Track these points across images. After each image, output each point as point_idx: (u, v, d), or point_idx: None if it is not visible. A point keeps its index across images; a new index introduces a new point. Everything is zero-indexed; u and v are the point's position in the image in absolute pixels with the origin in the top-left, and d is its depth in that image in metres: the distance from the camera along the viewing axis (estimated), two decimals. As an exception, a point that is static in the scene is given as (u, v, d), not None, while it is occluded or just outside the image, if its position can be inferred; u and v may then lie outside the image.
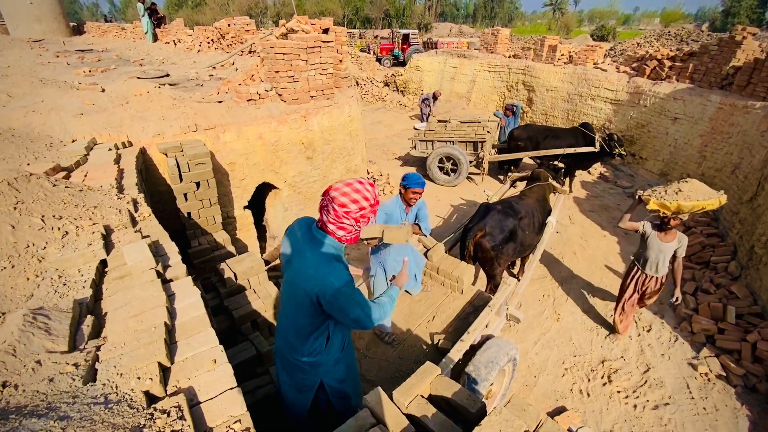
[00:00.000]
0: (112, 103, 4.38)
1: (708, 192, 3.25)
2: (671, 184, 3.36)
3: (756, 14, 31.78)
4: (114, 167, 3.18)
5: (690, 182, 3.32)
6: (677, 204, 3.19)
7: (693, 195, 3.20)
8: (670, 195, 3.26)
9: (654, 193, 3.40)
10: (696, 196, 3.20)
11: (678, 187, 3.29)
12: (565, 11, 52.77)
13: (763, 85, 6.50)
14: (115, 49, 9.52)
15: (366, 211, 1.58)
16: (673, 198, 3.21)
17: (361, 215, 1.57)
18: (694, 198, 3.18)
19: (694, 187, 3.27)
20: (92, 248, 1.99)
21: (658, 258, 3.72)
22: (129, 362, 1.40)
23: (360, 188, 1.55)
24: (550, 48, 11.18)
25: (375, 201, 1.60)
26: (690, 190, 3.24)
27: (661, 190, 3.37)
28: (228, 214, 4.71)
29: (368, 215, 1.61)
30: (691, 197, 3.20)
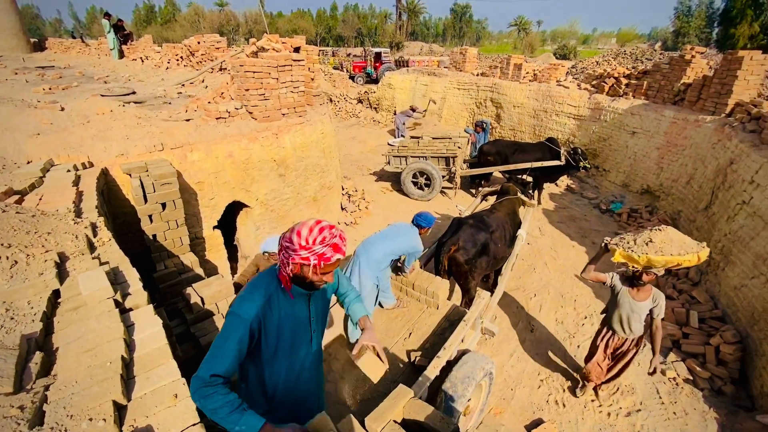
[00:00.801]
0: (72, 122, 4.21)
1: (685, 244, 2.73)
2: (642, 233, 2.87)
3: (704, 34, 34.34)
4: (72, 189, 3.04)
5: (664, 231, 2.80)
6: (647, 258, 2.69)
7: (666, 248, 2.69)
8: (639, 246, 2.75)
9: (621, 242, 2.89)
10: (670, 249, 2.69)
11: (649, 236, 2.78)
12: (529, 31, 55.45)
13: (712, 100, 6.98)
14: (78, 66, 9.21)
15: (290, 248, 1.41)
16: (643, 250, 2.71)
17: (285, 247, 1.43)
18: (667, 251, 2.68)
19: (669, 238, 2.75)
20: (44, 278, 1.87)
21: (631, 318, 3.21)
22: (80, 402, 1.30)
23: (307, 224, 1.44)
24: (515, 66, 11.65)
25: (305, 245, 1.39)
26: (663, 242, 2.73)
27: (630, 239, 2.87)
28: (196, 234, 4.57)
29: (291, 253, 1.41)
30: (664, 250, 2.68)
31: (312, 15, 56.61)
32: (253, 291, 1.49)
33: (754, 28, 23.20)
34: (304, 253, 1.39)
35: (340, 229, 1.48)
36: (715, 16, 32.73)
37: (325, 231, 1.42)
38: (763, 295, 4.10)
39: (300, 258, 1.40)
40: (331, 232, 1.43)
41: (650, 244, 2.72)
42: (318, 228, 1.42)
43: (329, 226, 1.45)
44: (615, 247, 2.88)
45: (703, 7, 36.06)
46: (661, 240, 2.72)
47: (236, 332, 1.40)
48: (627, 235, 2.93)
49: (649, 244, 2.73)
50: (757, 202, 4.66)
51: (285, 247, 1.43)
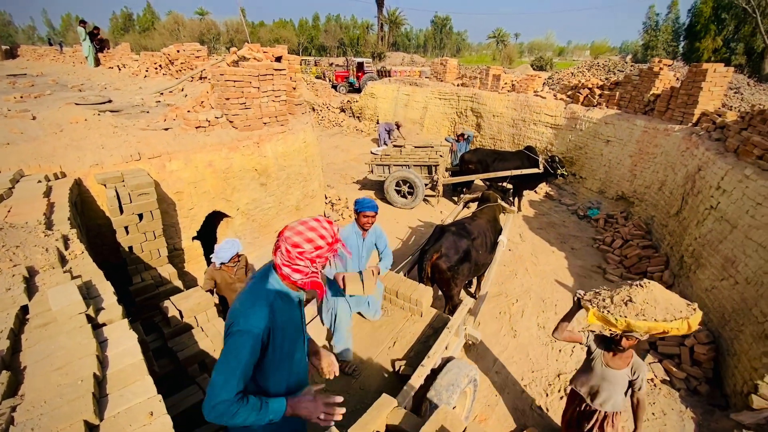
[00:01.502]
0: (44, 131, 4.08)
1: (671, 306, 2.22)
2: (621, 287, 2.36)
3: (671, 47, 35.96)
4: (43, 201, 2.93)
5: (647, 288, 2.27)
6: (626, 322, 2.20)
7: (649, 310, 2.19)
8: (617, 307, 2.25)
9: (596, 298, 2.37)
10: (654, 312, 2.19)
11: (629, 293, 2.27)
12: (507, 43, 56.93)
13: (680, 110, 7.31)
14: (52, 74, 8.96)
15: (323, 251, 1.45)
16: (621, 312, 2.21)
17: (317, 255, 1.44)
18: (650, 315, 2.18)
19: (652, 297, 2.23)
20: (11, 293, 1.79)
21: (601, 388, 2.69)
22: (49, 423, 1.25)
23: (316, 226, 1.45)
24: (494, 77, 11.94)
25: (333, 239, 1.47)
26: (646, 302, 2.21)
27: (607, 295, 2.35)
28: (175, 246, 4.46)
29: (325, 255, 1.46)
30: (647, 313, 2.19)
31: (294, 25, 56.73)
32: (254, 302, 1.44)
33: (717, 42, 24.50)
34: (336, 246, 1.49)
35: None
36: (680, 31, 34.39)
37: (331, 222, 1.53)
38: (732, 296, 4.27)
39: (333, 252, 1.49)
40: (332, 225, 1.53)
41: (630, 305, 2.20)
42: (326, 222, 1.50)
43: (328, 220, 1.54)
44: (588, 304, 2.34)
45: (670, 22, 37.85)
46: (643, 300, 2.20)
47: (247, 348, 1.38)
48: (603, 290, 2.40)
49: (628, 304, 2.21)
50: (724, 207, 4.87)
51: (315, 254, 1.44)
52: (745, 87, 12.42)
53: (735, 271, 4.34)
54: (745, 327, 3.91)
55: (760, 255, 4.08)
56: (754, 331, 3.76)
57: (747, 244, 4.31)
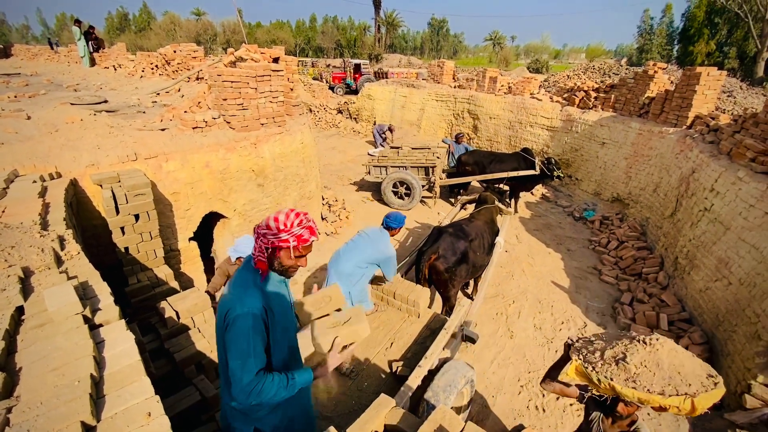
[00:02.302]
0: (39, 131, 4.05)
1: (679, 375, 1.67)
2: (619, 342, 1.84)
3: (665, 51, 36.32)
4: (38, 201, 2.91)
5: (652, 347, 1.75)
6: (610, 385, 1.72)
7: (644, 377, 1.68)
8: (605, 364, 1.77)
9: (587, 348, 1.90)
10: (649, 380, 1.67)
11: (625, 349, 1.77)
12: (503, 46, 57.26)
13: (674, 113, 7.38)
14: (47, 74, 8.89)
15: (269, 233, 1.49)
16: (608, 372, 1.74)
17: (264, 233, 1.51)
18: (643, 383, 1.67)
19: (654, 360, 1.71)
20: (6, 294, 1.78)
21: None
22: (46, 424, 1.24)
23: (282, 211, 1.55)
24: (491, 79, 12.00)
25: (284, 228, 1.49)
26: (643, 365, 1.71)
27: (599, 346, 1.87)
28: (171, 246, 4.44)
29: (270, 237, 1.50)
30: (639, 381, 1.67)
31: (291, 26, 56.73)
32: (245, 288, 1.52)
33: (710, 45, 24.78)
34: (284, 236, 1.49)
35: (311, 217, 1.58)
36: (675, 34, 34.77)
37: (300, 215, 1.54)
38: (726, 297, 4.31)
39: (280, 241, 1.49)
40: (305, 216, 1.55)
41: (621, 365, 1.72)
42: (294, 213, 1.54)
43: (303, 212, 1.57)
44: (575, 355, 1.89)
45: (664, 25, 38.24)
46: (641, 361, 1.71)
47: (252, 327, 1.46)
48: (598, 340, 1.94)
49: (619, 363, 1.73)
50: (718, 209, 4.92)
51: (262, 234, 1.51)
52: (737, 90, 12.56)
53: (728, 272, 4.39)
54: (739, 327, 3.95)
55: (752, 256, 4.13)
56: (747, 332, 3.79)
57: (740, 245, 4.36)
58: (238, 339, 1.45)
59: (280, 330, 1.63)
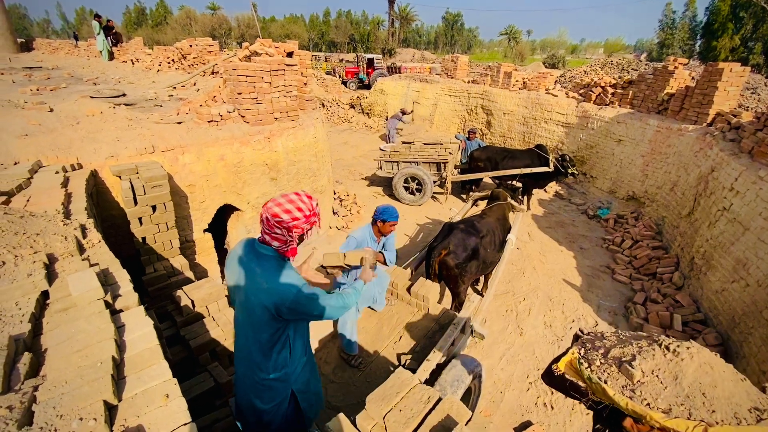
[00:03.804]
0: (61, 123, 4.17)
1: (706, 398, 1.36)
2: (632, 343, 1.59)
3: (687, 46, 35.28)
4: (61, 191, 3.01)
5: (681, 357, 1.47)
6: (600, 388, 1.49)
7: (650, 389, 1.42)
8: (604, 364, 1.53)
9: (592, 344, 1.67)
10: (654, 392, 1.40)
11: (635, 353, 1.50)
12: (519, 40, 56.38)
13: (694, 110, 7.20)
14: (67, 67, 9.11)
15: (300, 222, 1.59)
16: (602, 373, 1.49)
17: (293, 225, 1.59)
18: (645, 395, 1.41)
19: (671, 372, 1.42)
20: (32, 279, 1.85)
21: None
22: (70, 402, 1.30)
23: (294, 199, 1.59)
24: (505, 74, 11.85)
25: (310, 212, 1.61)
26: (654, 374, 1.44)
27: (609, 344, 1.61)
28: (186, 237, 4.54)
29: (302, 226, 1.61)
30: (642, 392, 1.42)
31: (305, 20, 56.80)
32: (277, 272, 1.61)
33: (734, 40, 23.98)
34: (313, 219, 1.65)
35: None
36: (697, 29, 33.72)
37: (311, 197, 1.67)
38: (743, 299, 4.22)
39: (310, 224, 1.65)
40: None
41: (624, 369, 1.47)
42: (306, 196, 1.64)
43: (304, 193, 1.68)
44: (576, 348, 1.70)
45: (687, 20, 37.12)
46: (653, 369, 1.42)
47: (309, 289, 1.62)
48: (611, 338, 1.71)
49: (623, 366, 1.48)
50: (737, 209, 4.81)
51: (292, 225, 1.59)
52: (762, 87, 12.15)
53: (746, 273, 4.29)
54: (755, 330, 3.87)
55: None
56: (764, 334, 3.72)
57: (759, 246, 4.25)
58: (311, 303, 1.60)
59: None
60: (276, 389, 1.78)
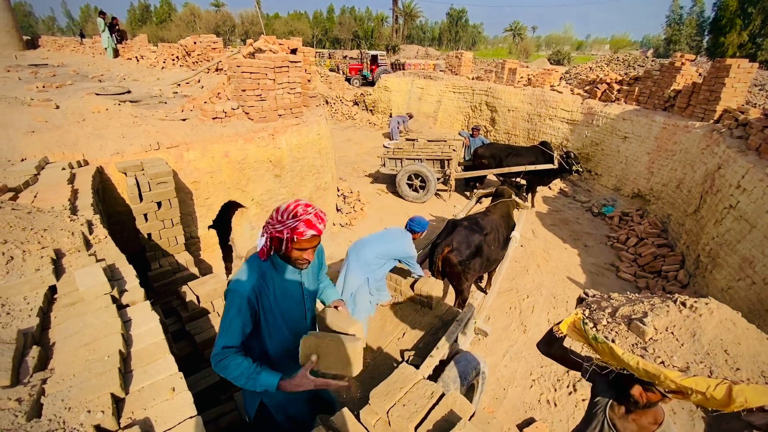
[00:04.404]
0: (67, 120, 4.20)
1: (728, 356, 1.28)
2: (643, 301, 1.48)
3: (695, 42, 34.89)
4: (67, 187, 3.03)
5: (699, 313, 1.37)
6: (607, 348, 1.33)
7: (664, 346, 1.30)
8: (611, 324, 1.39)
9: (598, 304, 1.52)
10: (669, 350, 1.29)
11: (647, 308, 1.42)
12: (524, 37, 55.99)
13: (701, 106, 7.12)
14: (72, 64, 9.15)
15: (268, 226, 1.53)
16: (611, 331, 1.37)
17: (266, 222, 1.56)
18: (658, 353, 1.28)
19: (689, 329, 1.34)
20: (40, 274, 1.88)
21: None
22: (78, 395, 1.32)
23: (287, 202, 1.56)
24: (510, 71, 11.78)
25: (279, 221, 1.50)
26: (669, 331, 1.34)
27: (617, 303, 1.50)
28: (191, 234, 4.57)
29: (270, 229, 1.52)
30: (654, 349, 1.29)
31: (309, 17, 56.68)
32: (247, 269, 1.59)
33: (742, 36, 23.69)
34: (278, 227, 1.50)
35: (318, 208, 1.55)
36: (705, 25, 33.33)
37: (299, 207, 1.51)
38: (749, 297, 4.20)
39: (275, 231, 1.51)
40: (305, 209, 1.51)
41: (634, 326, 1.34)
42: (294, 205, 1.52)
43: (305, 204, 1.54)
44: (580, 309, 1.52)
45: (694, 15, 36.70)
46: (667, 326, 1.32)
47: (235, 306, 1.51)
48: (619, 296, 1.55)
49: (633, 323, 1.35)
50: (743, 206, 4.77)
51: (266, 224, 1.56)
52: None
53: (752, 271, 4.26)
54: (762, 328, 3.84)
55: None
56: (771, 333, 3.69)
57: (766, 244, 4.22)
58: (224, 312, 1.54)
59: (278, 315, 1.65)
60: (246, 392, 1.82)
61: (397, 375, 1.78)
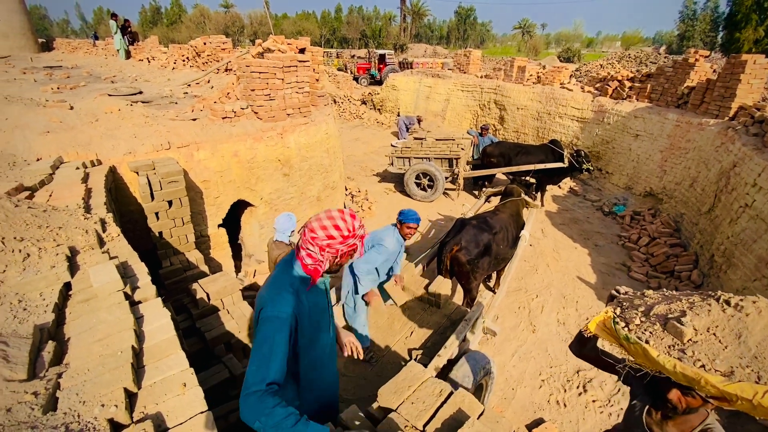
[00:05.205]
0: (81, 120, 4.28)
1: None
2: (681, 300, 1.34)
3: (709, 38, 34.19)
4: (81, 186, 3.09)
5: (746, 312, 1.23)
6: (640, 350, 1.24)
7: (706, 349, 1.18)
8: (645, 323, 1.28)
9: (630, 302, 1.40)
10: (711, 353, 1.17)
11: (686, 306, 1.29)
12: (533, 34, 55.45)
13: (716, 103, 6.98)
14: (86, 66, 9.31)
15: (335, 242, 1.45)
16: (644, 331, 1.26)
17: (327, 244, 1.45)
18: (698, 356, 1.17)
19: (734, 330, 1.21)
20: (55, 271, 1.92)
21: None
22: (92, 389, 1.34)
23: (335, 216, 1.47)
24: (519, 69, 11.68)
25: (350, 233, 1.46)
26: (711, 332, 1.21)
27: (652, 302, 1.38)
28: (201, 232, 4.62)
29: (337, 246, 1.46)
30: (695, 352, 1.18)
31: (316, 17, 56.83)
32: (280, 290, 1.46)
33: (758, 32, 23.11)
34: (352, 241, 1.48)
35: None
36: (720, 20, 32.63)
37: (346, 213, 1.51)
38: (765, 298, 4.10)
39: (349, 247, 1.49)
40: (351, 212, 1.52)
41: (671, 326, 1.22)
42: (349, 215, 1.50)
43: (342, 209, 1.54)
44: (611, 307, 1.41)
45: (708, 11, 35.98)
46: (708, 326, 1.20)
47: (281, 334, 1.37)
48: (653, 294, 1.42)
49: (669, 323, 1.23)
50: (760, 205, 4.67)
51: (326, 245, 1.45)
52: (788, 79, 11.73)
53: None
54: (778, 330, 3.76)
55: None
56: (788, 335, 3.60)
57: (783, 244, 4.12)
58: (262, 342, 1.35)
59: (309, 336, 1.57)
60: None
61: (405, 373, 1.78)
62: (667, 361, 1.15)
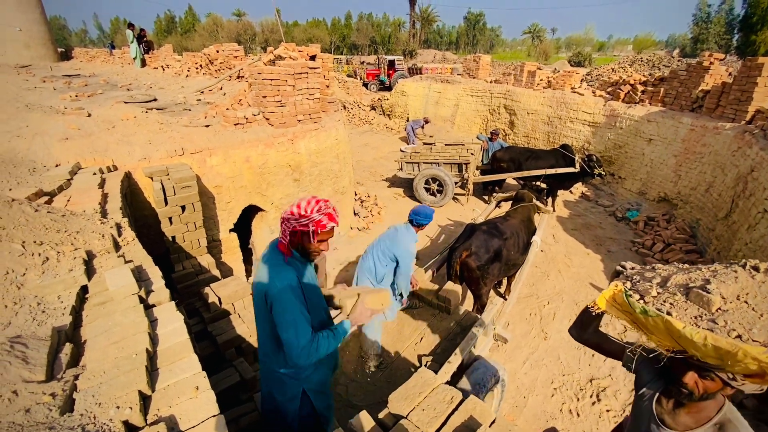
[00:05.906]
0: (98, 127, 4.38)
1: None
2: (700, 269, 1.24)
3: (723, 40, 33.66)
4: (98, 191, 3.16)
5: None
6: (661, 323, 1.08)
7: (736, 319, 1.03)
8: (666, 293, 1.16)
9: (641, 276, 1.29)
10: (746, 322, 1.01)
11: (709, 275, 1.17)
12: (543, 39, 55.25)
13: (732, 107, 6.86)
14: (103, 74, 9.56)
15: (292, 218, 1.62)
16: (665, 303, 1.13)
17: (286, 218, 1.63)
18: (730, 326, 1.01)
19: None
20: (73, 274, 1.96)
21: None
22: (108, 391, 1.37)
23: (303, 199, 1.64)
24: (529, 73, 11.64)
25: (304, 214, 1.61)
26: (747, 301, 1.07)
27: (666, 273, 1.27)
28: (213, 237, 4.68)
29: (293, 222, 1.62)
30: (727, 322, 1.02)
31: (327, 24, 57.52)
32: (278, 266, 1.64)
33: (775, 34, 22.67)
34: (303, 221, 1.61)
35: (331, 204, 1.68)
36: (734, 23, 32.11)
37: (321, 203, 1.64)
38: (786, 306, 3.99)
39: (300, 226, 1.61)
40: (325, 203, 1.65)
41: (695, 294, 1.10)
42: (314, 200, 1.65)
43: (323, 200, 1.67)
44: (619, 280, 1.30)
45: (723, 13, 35.45)
46: (738, 293, 1.09)
47: (295, 298, 1.58)
48: (666, 267, 1.32)
49: (691, 291, 1.12)
50: (779, 211, 4.55)
51: (286, 219, 1.64)
52: (807, 82, 11.46)
53: (790, 279, 4.05)
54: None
55: (819, 263, 3.78)
56: (811, 344, 3.49)
57: (805, 250, 4.01)
58: (285, 311, 1.57)
59: (310, 305, 1.73)
60: (287, 384, 1.82)
61: (415, 379, 1.77)
62: (696, 333, 1.00)
